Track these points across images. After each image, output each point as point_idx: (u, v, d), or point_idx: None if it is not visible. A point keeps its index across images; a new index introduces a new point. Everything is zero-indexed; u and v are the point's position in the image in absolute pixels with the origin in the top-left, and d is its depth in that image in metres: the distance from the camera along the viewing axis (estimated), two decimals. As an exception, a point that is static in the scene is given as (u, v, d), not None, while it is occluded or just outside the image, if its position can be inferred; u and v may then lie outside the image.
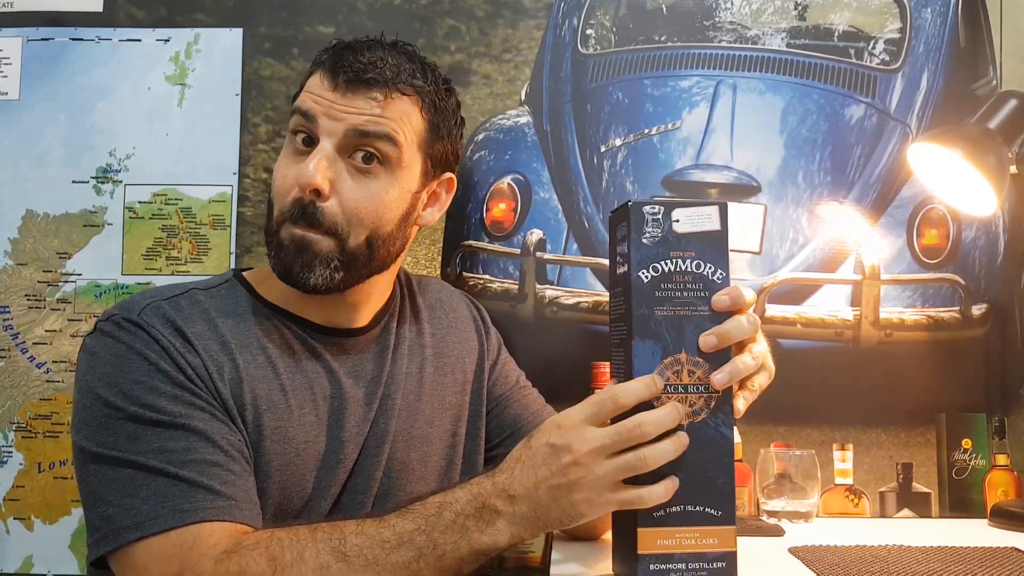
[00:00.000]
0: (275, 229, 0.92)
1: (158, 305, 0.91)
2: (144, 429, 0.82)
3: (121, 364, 0.86)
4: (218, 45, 1.45)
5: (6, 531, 1.38)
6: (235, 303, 0.95)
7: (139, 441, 0.82)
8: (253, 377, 0.90)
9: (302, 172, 0.88)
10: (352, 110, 0.90)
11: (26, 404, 1.40)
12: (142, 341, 0.87)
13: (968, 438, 1.37)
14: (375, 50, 0.93)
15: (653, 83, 1.44)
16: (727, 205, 0.80)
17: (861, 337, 1.39)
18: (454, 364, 1.07)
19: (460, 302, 1.15)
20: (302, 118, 0.91)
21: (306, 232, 0.89)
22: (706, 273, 0.79)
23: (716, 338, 0.78)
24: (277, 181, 0.92)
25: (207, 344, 0.89)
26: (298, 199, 0.89)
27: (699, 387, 0.78)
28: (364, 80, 0.91)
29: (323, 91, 0.91)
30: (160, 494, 0.80)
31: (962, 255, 1.40)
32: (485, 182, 1.43)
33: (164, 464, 0.81)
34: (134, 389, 0.84)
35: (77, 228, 1.43)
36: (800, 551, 1.00)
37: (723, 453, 0.78)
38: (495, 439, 1.10)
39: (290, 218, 0.90)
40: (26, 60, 1.45)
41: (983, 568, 0.92)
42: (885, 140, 1.41)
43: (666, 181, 1.41)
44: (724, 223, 0.79)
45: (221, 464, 0.83)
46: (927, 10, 1.43)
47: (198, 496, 0.80)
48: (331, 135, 0.90)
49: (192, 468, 0.81)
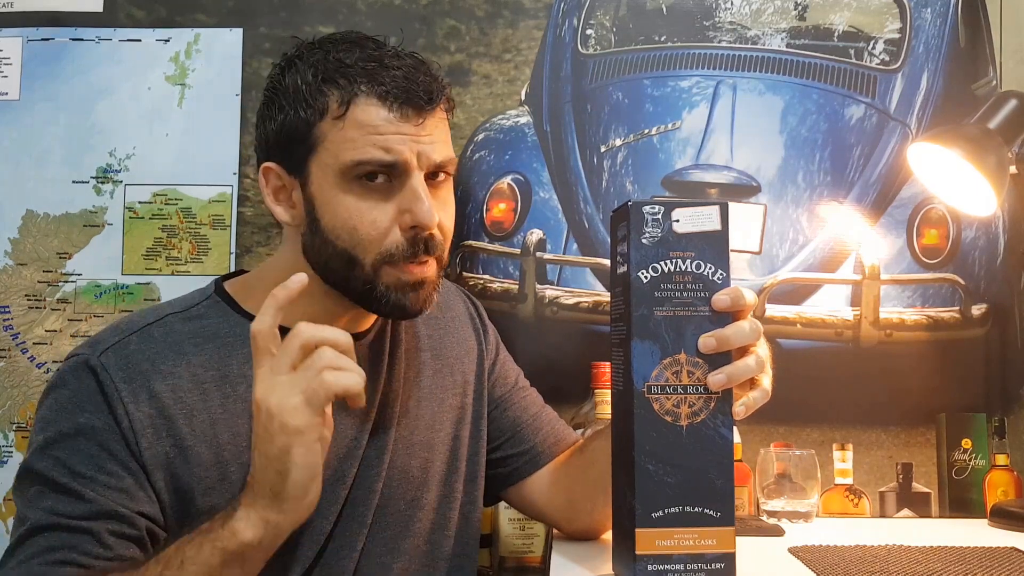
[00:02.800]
0: (372, 275, 0.88)
1: (125, 343, 0.89)
2: (45, 492, 0.83)
3: (58, 412, 0.86)
4: (218, 45, 1.45)
5: (6, 531, 1.38)
6: (216, 325, 0.92)
7: (37, 501, 0.84)
8: (232, 413, 0.88)
9: (422, 216, 0.86)
10: (431, 139, 0.87)
11: (26, 404, 1.40)
12: (87, 392, 0.86)
13: (968, 438, 1.37)
14: (409, 62, 0.89)
15: (653, 83, 1.44)
16: (728, 205, 0.79)
17: (861, 337, 1.39)
18: (453, 365, 1.06)
19: (456, 299, 1.13)
20: (384, 167, 0.86)
21: (422, 269, 0.89)
22: (706, 273, 0.78)
23: (716, 341, 0.78)
24: (363, 229, 0.87)
25: (175, 384, 0.87)
26: (412, 240, 0.88)
27: (698, 388, 0.78)
28: (433, 102, 0.88)
29: (398, 126, 0.86)
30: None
31: (962, 255, 1.40)
32: (485, 182, 1.43)
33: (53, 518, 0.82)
34: (58, 448, 0.85)
35: (77, 228, 1.43)
36: (800, 551, 1.00)
37: (723, 454, 0.78)
38: (493, 442, 1.08)
39: (403, 256, 0.88)
40: (26, 60, 1.45)
41: (983, 568, 0.92)
42: (885, 140, 1.41)
43: (666, 181, 1.41)
44: (725, 223, 0.79)
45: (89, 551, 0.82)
46: (927, 10, 1.43)
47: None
48: (420, 167, 0.87)
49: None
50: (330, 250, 0.89)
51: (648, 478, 0.77)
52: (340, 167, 0.86)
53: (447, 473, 1.02)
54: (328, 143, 0.87)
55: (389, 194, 0.87)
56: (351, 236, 0.87)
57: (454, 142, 0.95)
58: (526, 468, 1.07)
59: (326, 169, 0.87)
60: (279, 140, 0.90)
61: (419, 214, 0.86)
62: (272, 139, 0.90)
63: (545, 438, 1.08)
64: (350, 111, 0.86)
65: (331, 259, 0.89)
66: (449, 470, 1.02)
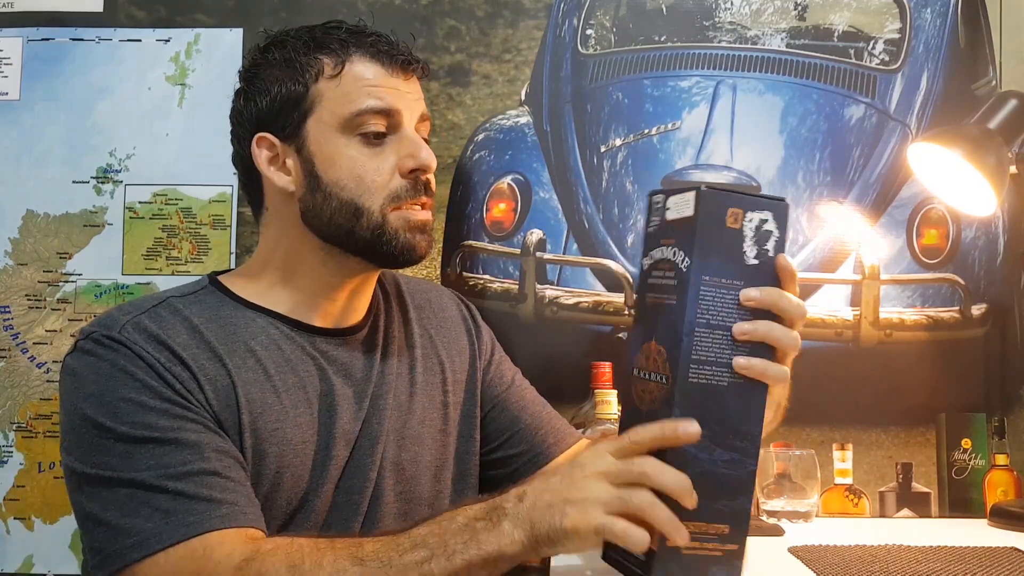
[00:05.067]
0: (380, 220, 0.93)
1: (138, 320, 0.89)
2: (136, 447, 0.82)
3: (106, 383, 0.85)
4: (218, 45, 1.45)
5: (6, 531, 1.38)
6: (216, 307, 0.94)
7: (132, 459, 0.81)
8: (245, 381, 0.90)
9: (423, 159, 0.93)
10: (416, 94, 0.97)
11: (26, 404, 1.40)
12: (126, 358, 0.86)
13: (968, 438, 1.37)
14: (393, 37, 0.98)
15: (653, 83, 1.44)
16: (704, 189, 0.74)
17: (861, 337, 1.39)
18: (444, 364, 1.07)
19: (449, 302, 1.14)
20: (382, 115, 0.93)
21: (427, 212, 0.95)
22: (677, 260, 0.76)
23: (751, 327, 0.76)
24: (368, 176, 0.93)
25: (195, 354, 0.88)
26: (414, 181, 0.94)
27: (659, 376, 0.75)
28: (412, 61, 0.97)
29: (391, 80, 0.94)
30: (161, 510, 0.79)
31: (962, 255, 1.40)
32: (485, 182, 1.43)
33: (161, 480, 0.80)
34: (121, 407, 0.83)
35: (77, 228, 1.43)
36: (800, 551, 1.00)
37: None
38: (493, 442, 1.09)
39: (408, 197, 0.93)
40: (26, 60, 1.45)
41: (983, 568, 0.93)
42: (885, 140, 1.41)
43: (666, 181, 1.41)
44: (698, 208, 0.75)
45: (219, 472, 0.82)
46: (927, 10, 1.43)
47: (200, 508, 0.79)
48: (411, 119, 0.95)
49: (190, 481, 0.80)
50: (334, 203, 0.93)
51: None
52: (340, 120, 0.93)
53: (437, 470, 1.03)
54: (326, 101, 0.93)
55: (386, 145, 0.94)
56: (357, 185, 0.92)
57: (454, 142, 0.98)
58: (527, 468, 1.07)
59: (325, 126, 0.93)
60: (271, 110, 0.95)
61: (421, 157, 0.93)
62: (264, 112, 0.95)
63: (545, 437, 1.08)
64: (346, 69, 0.93)
65: (335, 213, 0.93)
66: (439, 467, 1.03)
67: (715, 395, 0.75)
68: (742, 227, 0.75)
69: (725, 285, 0.75)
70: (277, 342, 0.94)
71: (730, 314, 0.75)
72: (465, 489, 1.06)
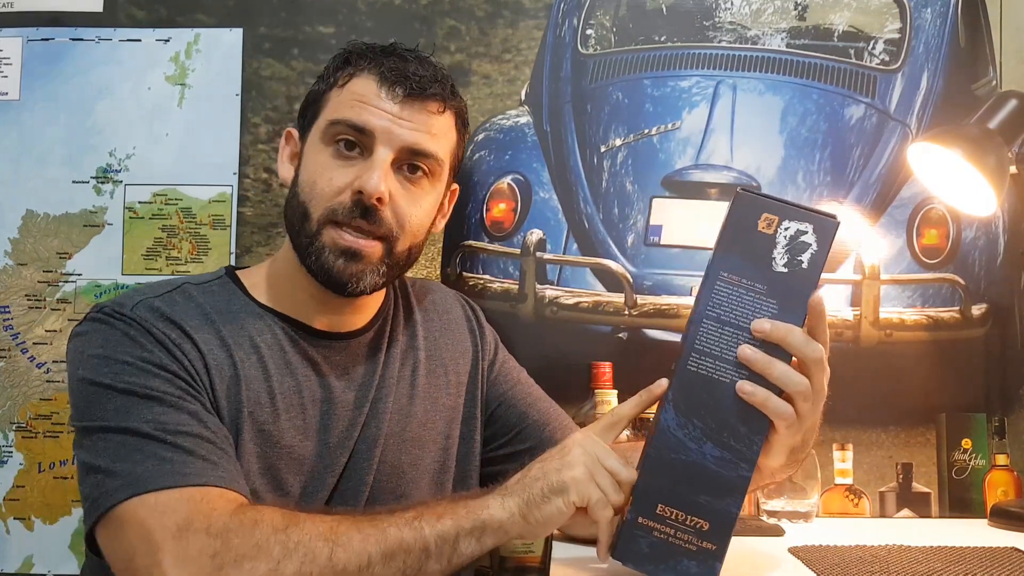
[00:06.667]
0: (315, 231, 0.91)
1: (150, 302, 0.90)
2: (134, 402, 0.81)
3: (113, 347, 0.85)
4: (218, 45, 1.45)
5: (6, 531, 1.38)
6: (228, 300, 0.96)
7: (129, 412, 0.81)
8: (248, 377, 0.91)
9: (367, 181, 0.89)
10: (410, 125, 0.92)
11: (26, 404, 1.40)
12: (136, 330, 0.86)
13: (968, 438, 1.37)
14: (424, 63, 0.95)
15: (653, 83, 1.44)
16: (740, 191, 0.78)
17: (861, 337, 1.39)
18: (447, 366, 1.07)
19: (454, 303, 1.15)
20: (354, 130, 0.91)
21: (357, 239, 0.91)
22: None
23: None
24: (320, 184, 0.92)
25: (205, 337, 0.89)
26: (356, 202, 0.90)
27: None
28: (426, 95, 0.93)
29: (380, 102, 0.92)
30: (156, 456, 0.78)
31: (962, 255, 1.40)
32: (485, 182, 1.43)
33: (158, 432, 0.79)
34: (125, 369, 0.83)
35: (77, 228, 1.43)
36: (800, 551, 1.00)
37: (661, 442, 0.78)
38: (501, 438, 1.09)
39: (343, 220, 0.91)
40: (26, 60, 1.45)
41: (983, 568, 0.92)
42: (885, 140, 1.41)
43: (666, 181, 1.41)
44: (731, 208, 0.78)
45: (216, 443, 0.82)
46: (927, 10, 1.43)
47: (198, 464, 0.79)
48: (390, 147, 0.92)
49: (188, 439, 0.80)
50: (294, 203, 0.95)
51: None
52: (322, 126, 0.94)
53: (438, 471, 1.03)
54: (327, 107, 0.95)
55: (356, 163, 0.92)
56: (311, 189, 0.93)
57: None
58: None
59: (317, 130, 0.95)
60: (303, 108, 0.99)
61: (365, 179, 0.90)
62: (299, 110, 1.00)
63: (553, 433, 1.09)
64: (351, 82, 0.94)
65: (292, 213, 0.95)
66: (440, 468, 1.03)
67: (713, 389, 0.76)
68: (775, 233, 0.76)
69: (744, 286, 0.76)
70: (281, 344, 0.95)
71: (744, 314, 0.76)
72: (465, 491, 1.05)
